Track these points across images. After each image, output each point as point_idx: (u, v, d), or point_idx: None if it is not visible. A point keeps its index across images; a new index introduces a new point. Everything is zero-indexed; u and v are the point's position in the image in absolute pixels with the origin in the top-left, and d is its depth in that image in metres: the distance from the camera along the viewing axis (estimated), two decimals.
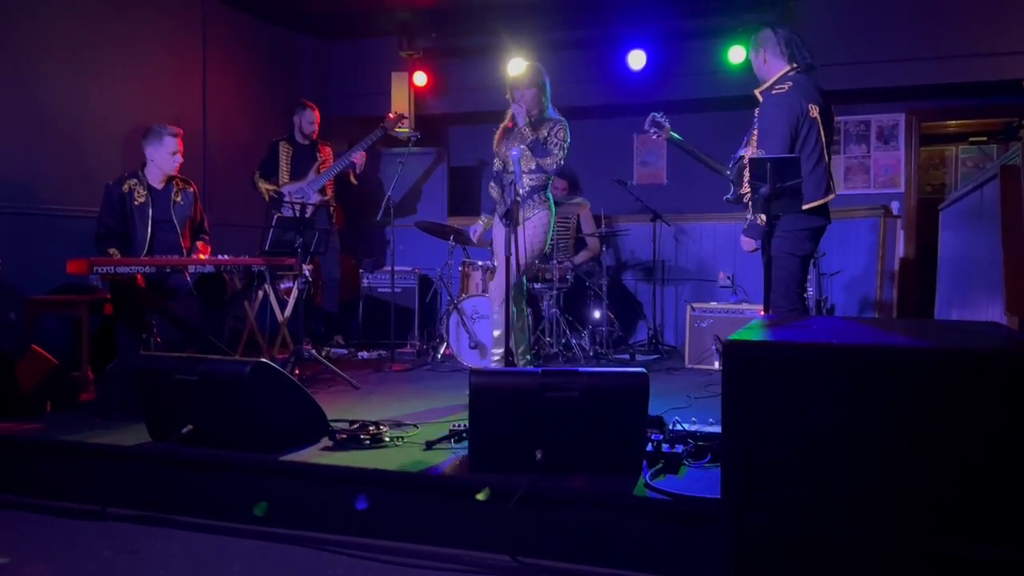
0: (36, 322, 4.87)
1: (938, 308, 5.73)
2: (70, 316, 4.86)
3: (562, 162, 4.49)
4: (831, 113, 3.96)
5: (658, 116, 4.61)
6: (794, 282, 3.82)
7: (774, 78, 3.91)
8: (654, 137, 4.67)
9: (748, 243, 3.97)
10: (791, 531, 2.00)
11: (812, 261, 5.74)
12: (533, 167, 4.48)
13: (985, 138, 9.28)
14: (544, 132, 4.45)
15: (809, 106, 3.77)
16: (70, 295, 4.92)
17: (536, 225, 4.51)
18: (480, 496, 2.73)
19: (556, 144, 4.43)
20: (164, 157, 4.67)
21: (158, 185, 4.71)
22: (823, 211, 3.84)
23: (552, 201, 4.63)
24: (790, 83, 3.82)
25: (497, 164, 4.65)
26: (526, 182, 4.47)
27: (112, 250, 4.48)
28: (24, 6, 5.36)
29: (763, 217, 3.59)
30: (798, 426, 2.00)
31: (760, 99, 3.95)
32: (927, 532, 1.92)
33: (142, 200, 4.61)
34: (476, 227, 4.93)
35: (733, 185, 4.17)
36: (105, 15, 5.93)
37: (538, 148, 4.41)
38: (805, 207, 3.68)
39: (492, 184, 4.71)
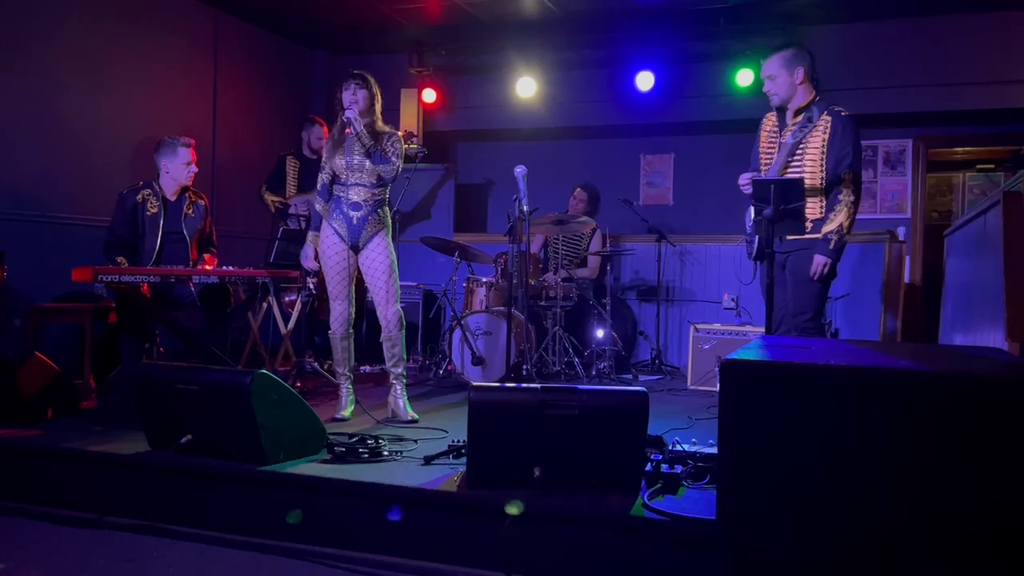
0: (40, 329, 4.90)
1: (942, 334, 5.71)
2: (74, 324, 4.88)
3: (400, 172, 4.23)
4: None
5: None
6: (822, 307, 3.86)
7: (809, 99, 3.92)
8: None
9: (820, 260, 3.78)
10: (787, 557, 1.99)
11: None
12: (374, 180, 4.20)
13: (993, 166, 9.28)
14: (383, 141, 4.19)
15: None
16: (74, 303, 4.95)
17: (383, 247, 4.22)
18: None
19: (395, 153, 4.20)
20: (179, 168, 4.68)
21: (171, 197, 4.72)
22: None
23: (389, 217, 4.37)
24: (839, 106, 3.86)
25: (325, 176, 4.27)
26: (368, 197, 4.21)
27: (121, 259, 4.49)
28: (40, 19, 5.43)
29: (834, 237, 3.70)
30: (795, 449, 1.99)
31: (794, 118, 3.92)
32: (925, 561, 1.91)
33: (154, 211, 4.63)
34: (307, 250, 4.32)
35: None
36: (117, 28, 6.00)
37: (377, 156, 4.15)
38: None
39: (318, 198, 4.30)
